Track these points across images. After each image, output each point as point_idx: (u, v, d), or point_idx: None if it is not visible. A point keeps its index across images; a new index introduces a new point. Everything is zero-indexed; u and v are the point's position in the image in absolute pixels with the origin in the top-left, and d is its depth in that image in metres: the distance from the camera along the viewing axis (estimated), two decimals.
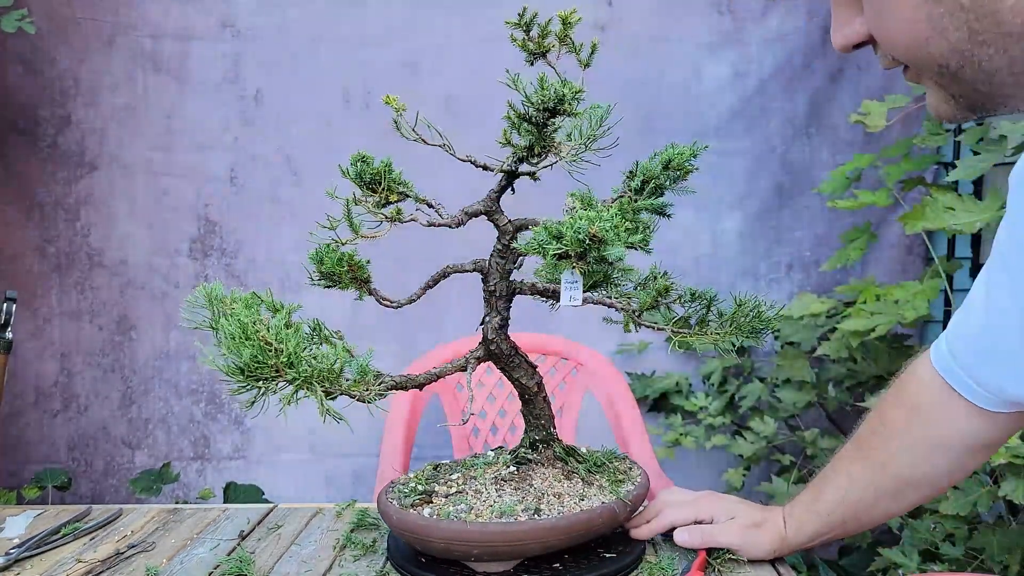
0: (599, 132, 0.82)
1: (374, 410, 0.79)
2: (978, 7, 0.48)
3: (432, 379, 0.89)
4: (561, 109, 0.82)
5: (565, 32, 0.85)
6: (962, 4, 0.48)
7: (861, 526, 0.95)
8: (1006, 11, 0.47)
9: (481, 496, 0.88)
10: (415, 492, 0.91)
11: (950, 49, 0.50)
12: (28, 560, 0.98)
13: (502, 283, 0.90)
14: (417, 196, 0.88)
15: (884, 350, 1.90)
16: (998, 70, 0.50)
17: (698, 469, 2.18)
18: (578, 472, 0.93)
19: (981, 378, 0.82)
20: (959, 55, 0.50)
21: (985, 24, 0.48)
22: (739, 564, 0.94)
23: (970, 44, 0.49)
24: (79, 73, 2.10)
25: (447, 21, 2.14)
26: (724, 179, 2.20)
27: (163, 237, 2.16)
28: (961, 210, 1.60)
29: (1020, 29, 0.47)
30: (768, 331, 0.86)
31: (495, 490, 0.89)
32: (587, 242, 0.71)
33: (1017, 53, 0.48)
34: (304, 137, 2.13)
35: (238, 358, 0.70)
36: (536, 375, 0.95)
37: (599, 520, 0.86)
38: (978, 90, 0.52)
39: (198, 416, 2.19)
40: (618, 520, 0.90)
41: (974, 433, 0.86)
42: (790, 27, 2.16)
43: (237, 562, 0.93)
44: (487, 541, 0.82)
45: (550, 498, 0.88)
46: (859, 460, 0.93)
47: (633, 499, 0.90)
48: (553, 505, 0.87)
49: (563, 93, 0.82)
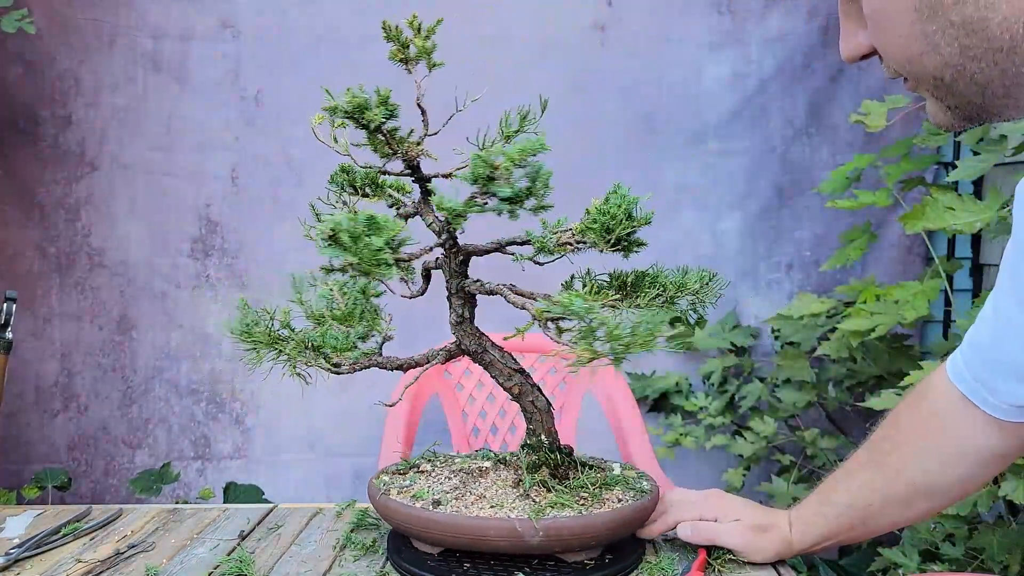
0: (541, 194, 0.81)
1: (374, 409, 0.79)
2: (968, 24, 0.50)
3: (410, 365, 0.92)
4: (496, 177, 0.77)
5: (424, 42, 0.84)
6: (952, 21, 0.50)
7: (868, 532, 0.94)
8: (995, 27, 0.49)
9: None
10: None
11: (943, 63, 0.52)
12: (28, 560, 0.98)
13: (452, 281, 0.92)
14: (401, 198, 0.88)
15: (884, 350, 1.90)
16: (990, 82, 0.52)
17: (698, 469, 2.18)
18: (523, 483, 0.90)
19: (994, 389, 0.83)
20: (952, 69, 0.52)
21: (975, 40, 0.50)
22: (739, 564, 0.94)
23: (962, 59, 0.52)
24: (80, 73, 2.11)
25: (447, 21, 2.14)
26: (724, 179, 2.20)
27: (164, 237, 2.16)
28: (961, 210, 1.60)
29: (1009, 44, 0.50)
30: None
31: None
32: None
33: (1008, 66, 0.51)
34: (305, 137, 2.12)
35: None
36: (515, 377, 0.93)
37: (495, 536, 0.83)
38: (972, 102, 0.54)
39: (199, 416, 2.19)
40: (518, 544, 0.84)
41: (988, 443, 0.86)
42: (790, 27, 2.16)
43: (237, 562, 0.93)
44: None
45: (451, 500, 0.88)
46: (871, 466, 0.93)
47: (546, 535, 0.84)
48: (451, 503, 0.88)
49: (495, 164, 0.77)
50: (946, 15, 0.50)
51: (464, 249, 0.90)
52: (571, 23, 2.16)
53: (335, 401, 2.18)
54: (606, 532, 0.87)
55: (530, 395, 0.93)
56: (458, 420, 1.90)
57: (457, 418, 1.90)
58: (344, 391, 2.18)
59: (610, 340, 0.70)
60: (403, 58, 0.87)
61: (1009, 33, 0.49)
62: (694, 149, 2.19)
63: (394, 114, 0.86)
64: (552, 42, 2.16)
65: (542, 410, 0.93)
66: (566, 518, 0.84)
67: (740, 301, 2.23)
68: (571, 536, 0.85)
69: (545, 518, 0.84)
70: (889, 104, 1.80)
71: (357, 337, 0.83)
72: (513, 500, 0.88)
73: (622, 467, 1.01)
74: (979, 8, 0.49)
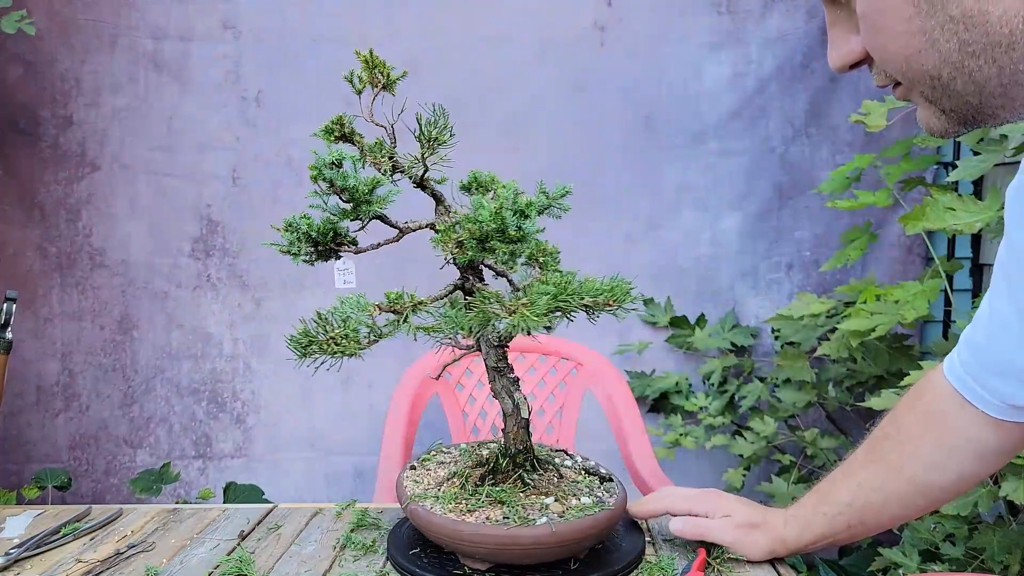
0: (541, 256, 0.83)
1: (374, 408, 0.79)
2: (967, 18, 0.50)
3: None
4: (504, 237, 0.78)
5: (374, 73, 0.85)
6: (951, 15, 0.50)
7: (867, 531, 0.95)
8: (994, 21, 0.49)
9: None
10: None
11: (942, 61, 0.52)
12: (28, 560, 0.98)
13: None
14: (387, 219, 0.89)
15: (884, 350, 1.90)
16: (988, 80, 0.52)
17: (698, 469, 2.18)
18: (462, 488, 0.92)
19: (990, 388, 0.83)
20: (951, 66, 0.52)
21: (974, 35, 0.50)
22: (739, 564, 0.94)
23: (960, 55, 0.51)
24: (80, 74, 2.11)
25: (448, 22, 2.15)
26: (724, 179, 2.20)
27: (165, 237, 2.17)
28: (961, 210, 1.59)
29: (1008, 39, 0.49)
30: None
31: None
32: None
33: (1006, 63, 0.50)
34: (305, 137, 2.13)
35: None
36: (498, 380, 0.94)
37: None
38: (969, 102, 0.54)
39: (199, 415, 2.20)
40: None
41: (987, 440, 0.87)
42: (790, 27, 2.16)
43: (237, 562, 0.93)
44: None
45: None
46: (871, 464, 0.93)
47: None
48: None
49: (507, 221, 0.78)
50: (945, 9, 0.50)
51: None
52: (571, 23, 2.16)
53: (335, 400, 2.19)
54: (494, 551, 0.86)
55: (504, 398, 0.94)
56: (458, 420, 1.90)
57: (457, 418, 1.90)
58: (344, 390, 2.18)
59: None
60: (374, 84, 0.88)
61: (1009, 28, 0.49)
62: (694, 149, 2.19)
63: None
64: (552, 42, 2.16)
65: (507, 413, 0.94)
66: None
67: (740, 301, 2.23)
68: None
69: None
70: (889, 104, 1.80)
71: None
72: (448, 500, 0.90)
73: (587, 473, 0.99)
74: (979, 1, 0.49)
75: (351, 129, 0.87)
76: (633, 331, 2.23)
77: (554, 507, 0.89)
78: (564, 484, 0.94)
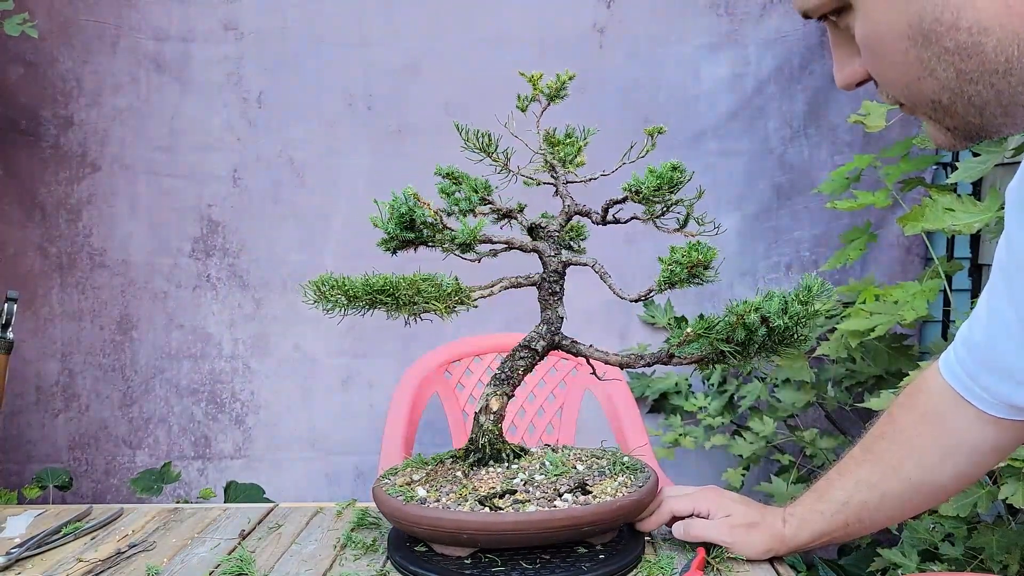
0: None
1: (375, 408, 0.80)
2: (963, 50, 0.50)
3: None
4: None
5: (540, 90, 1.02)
6: (947, 47, 0.51)
7: (864, 529, 0.95)
8: (989, 51, 0.50)
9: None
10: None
11: (941, 87, 0.53)
12: (29, 560, 0.98)
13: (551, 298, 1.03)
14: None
15: (883, 350, 1.90)
16: (987, 103, 0.52)
17: (698, 469, 2.19)
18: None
19: (987, 387, 0.84)
20: (950, 92, 0.53)
21: (971, 64, 0.51)
22: (739, 563, 0.94)
23: (959, 82, 0.52)
24: (82, 74, 2.11)
25: (448, 23, 2.15)
26: (723, 179, 2.20)
27: (165, 237, 2.17)
28: (960, 211, 1.60)
29: (1005, 66, 0.50)
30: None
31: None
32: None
33: (1004, 87, 0.51)
34: (306, 138, 2.14)
35: None
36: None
37: None
38: (971, 122, 0.54)
39: (199, 415, 2.20)
40: None
41: (984, 438, 0.87)
42: (788, 28, 2.16)
43: (238, 561, 0.94)
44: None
45: None
46: (868, 462, 0.93)
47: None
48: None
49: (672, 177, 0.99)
50: (940, 42, 0.51)
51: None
52: (570, 25, 2.17)
53: (335, 400, 2.19)
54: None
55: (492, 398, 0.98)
56: (458, 420, 1.90)
57: (457, 418, 1.90)
58: (344, 390, 2.19)
59: None
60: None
61: (1005, 55, 0.50)
62: (693, 150, 2.19)
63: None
64: (551, 43, 2.16)
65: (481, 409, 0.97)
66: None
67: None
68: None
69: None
70: (888, 105, 1.80)
71: None
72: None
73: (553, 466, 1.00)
74: (972, 34, 0.50)
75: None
76: (633, 332, 2.23)
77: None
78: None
